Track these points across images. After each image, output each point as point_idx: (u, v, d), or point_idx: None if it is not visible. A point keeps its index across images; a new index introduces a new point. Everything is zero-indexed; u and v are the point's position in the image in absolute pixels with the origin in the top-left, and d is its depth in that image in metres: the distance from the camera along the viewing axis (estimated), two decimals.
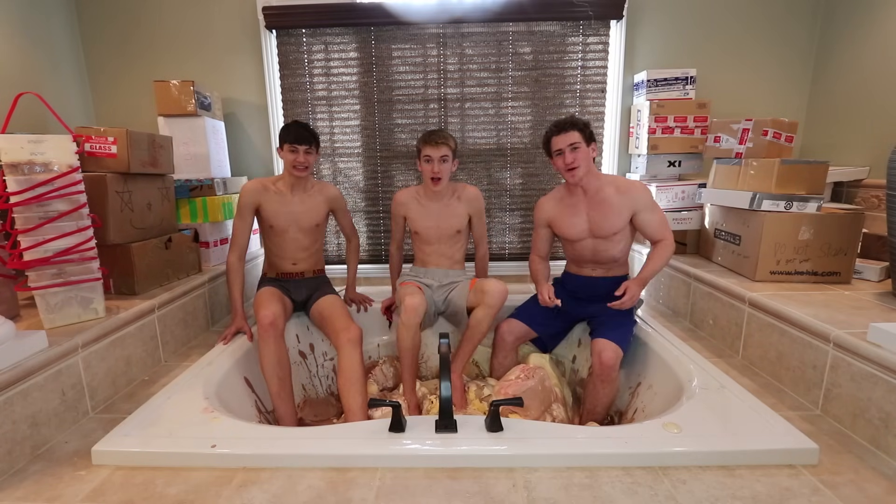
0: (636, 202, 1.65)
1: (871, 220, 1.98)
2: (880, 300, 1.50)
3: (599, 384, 1.55)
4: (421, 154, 1.82)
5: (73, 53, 2.45)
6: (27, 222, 1.30)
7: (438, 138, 1.78)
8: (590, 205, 1.70)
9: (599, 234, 1.69)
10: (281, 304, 1.74)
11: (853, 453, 1.09)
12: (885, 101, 2.06)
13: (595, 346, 1.56)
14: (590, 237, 1.71)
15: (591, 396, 1.60)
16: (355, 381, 1.61)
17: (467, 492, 0.98)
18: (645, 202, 1.66)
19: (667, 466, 1.04)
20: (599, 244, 1.71)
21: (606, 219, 1.67)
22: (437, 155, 1.78)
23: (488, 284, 1.74)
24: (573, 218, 1.72)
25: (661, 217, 1.69)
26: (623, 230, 1.69)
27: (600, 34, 2.44)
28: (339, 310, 1.80)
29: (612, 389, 1.57)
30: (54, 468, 1.08)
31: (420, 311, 1.70)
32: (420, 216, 1.92)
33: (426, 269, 1.98)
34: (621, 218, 1.66)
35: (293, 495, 0.97)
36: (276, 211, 1.83)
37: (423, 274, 1.98)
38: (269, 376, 1.61)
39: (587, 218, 1.70)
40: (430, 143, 1.78)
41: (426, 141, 1.79)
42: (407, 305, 1.69)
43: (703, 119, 2.25)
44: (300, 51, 2.49)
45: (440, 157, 1.78)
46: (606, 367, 1.52)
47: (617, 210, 1.66)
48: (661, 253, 1.67)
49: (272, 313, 1.64)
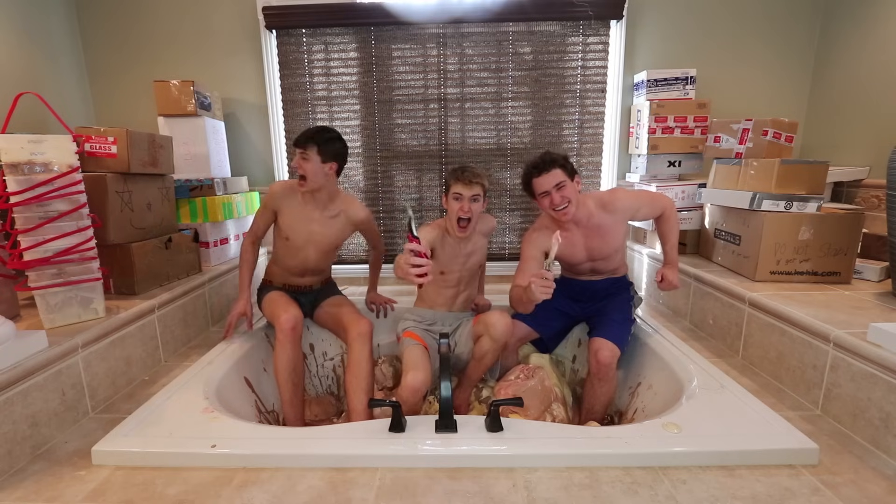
0: (627, 210, 1.64)
1: (871, 220, 1.98)
2: (880, 300, 1.50)
3: (597, 383, 1.55)
4: (450, 190, 1.61)
5: (73, 53, 2.45)
6: (27, 222, 1.30)
7: (472, 176, 1.58)
8: (586, 235, 1.64)
9: (599, 257, 1.68)
10: (299, 309, 1.68)
11: (853, 453, 1.09)
12: (884, 101, 2.06)
13: (592, 345, 1.56)
14: (588, 260, 1.70)
15: (590, 395, 1.60)
16: (362, 379, 1.58)
17: (467, 492, 0.98)
18: (633, 205, 1.64)
19: (667, 466, 1.04)
20: (598, 263, 1.71)
21: (605, 241, 1.64)
22: (469, 194, 1.58)
23: (493, 318, 1.59)
24: (570, 249, 1.65)
25: (648, 198, 1.69)
26: (621, 246, 1.70)
27: (600, 34, 2.44)
28: (346, 307, 1.79)
29: (610, 388, 1.57)
30: (54, 468, 1.08)
31: (423, 390, 1.48)
32: (447, 258, 1.70)
33: (434, 312, 1.79)
34: (619, 235, 1.66)
35: (293, 495, 0.97)
36: (293, 224, 1.70)
37: (430, 318, 1.78)
38: (282, 381, 1.58)
39: (585, 248, 1.66)
40: (463, 180, 1.57)
41: (458, 178, 1.59)
42: (408, 385, 1.46)
43: (703, 119, 2.25)
44: (300, 51, 2.49)
45: (471, 196, 1.58)
46: (603, 366, 1.52)
47: (612, 229, 1.63)
48: (669, 226, 1.69)
49: (293, 317, 1.60)
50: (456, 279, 1.74)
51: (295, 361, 1.60)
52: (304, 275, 1.83)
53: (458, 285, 1.76)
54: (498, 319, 1.58)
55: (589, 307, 1.77)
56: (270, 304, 1.72)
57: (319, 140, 1.60)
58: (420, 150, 2.58)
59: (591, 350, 1.55)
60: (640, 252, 2.38)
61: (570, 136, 2.55)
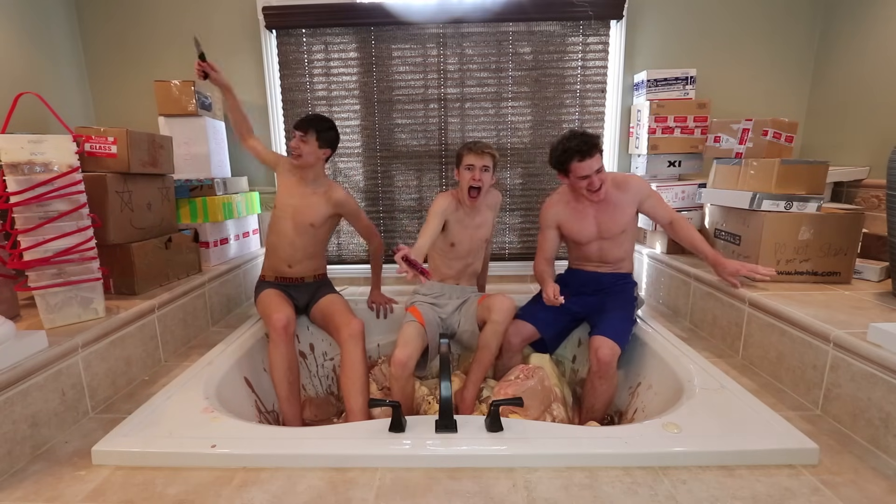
0: (638, 193, 1.72)
1: (871, 220, 1.98)
2: (880, 300, 1.50)
3: (597, 381, 1.56)
4: (462, 162, 1.75)
5: (73, 53, 2.45)
6: (27, 222, 1.30)
7: (484, 147, 1.72)
8: (598, 209, 1.73)
9: (607, 235, 1.74)
10: (292, 308, 1.72)
11: (853, 453, 1.09)
12: (884, 100, 2.06)
13: (593, 343, 1.56)
14: (597, 239, 1.75)
15: (590, 394, 1.60)
16: (356, 380, 1.60)
17: (467, 492, 0.98)
18: (645, 191, 1.74)
19: (667, 466, 1.04)
20: (605, 245, 1.76)
21: (613, 219, 1.72)
22: (480, 164, 1.72)
23: (494, 301, 1.70)
24: (581, 222, 1.74)
25: (658, 195, 1.78)
26: (629, 228, 1.74)
27: (600, 34, 2.44)
28: (338, 306, 1.79)
29: (611, 386, 1.58)
30: (54, 468, 1.08)
31: (410, 365, 1.58)
32: (457, 229, 1.82)
33: (442, 285, 1.89)
34: (627, 214, 1.73)
35: (293, 495, 0.97)
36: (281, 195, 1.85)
37: (437, 291, 1.88)
38: (278, 380, 1.59)
39: (595, 221, 1.74)
40: (475, 150, 1.72)
41: (470, 149, 1.73)
42: (396, 359, 1.55)
43: (703, 119, 2.25)
44: (300, 51, 2.49)
45: (482, 166, 1.72)
46: (603, 364, 1.52)
47: (622, 208, 1.72)
48: (690, 229, 1.74)
49: (286, 317, 1.62)
50: (466, 250, 1.85)
51: (289, 360, 1.61)
52: (291, 263, 1.85)
53: (467, 257, 1.86)
54: (499, 303, 1.68)
55: (592, 302, 1.77)
56: (264, 304, 1.75)
57: (319, 127, 1.76)
58: (420, 150, 2.58)
59: (592, 348, 1.56)
60: (640, 252, 2.38)
61: None
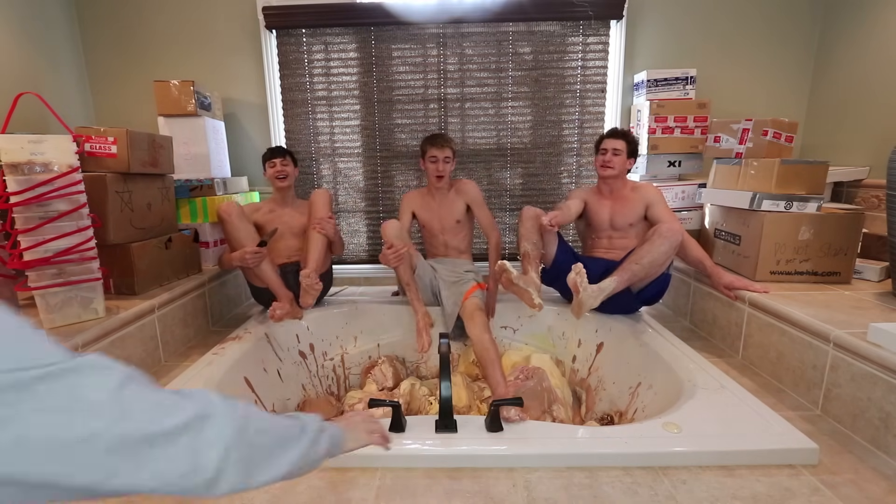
0: (648, 196, 1.89)
1: (871, 220, 1.98)
2: (880, 300, 1.50)
3: (659, 239, 1.64)
4: (427, 155, 2.02)
5: (73, 53, 2.45)
6: (27, 222, 1.30)
7: (443, 141, 2.00)
8: (614, 200, 1.95)
9: (617, 226, 1.93)
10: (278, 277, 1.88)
11: (853, 453, 1.09)
12: (884, 101, 2.06)
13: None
14: (609, 227, 1.95)
15: (643, 248, 1.66)
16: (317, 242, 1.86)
17: (467, 492, 0.98)
18: (655, 196, 1.88)
19: (667, 466, 1.04)
20: (615, 234, 1.94)
21: (623, 212, 1.91)
22: (442, 155, 1.99)
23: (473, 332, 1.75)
24: (599, 208, 1.97)
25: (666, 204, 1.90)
26: (637, 223, 1.89)
27: (600, 34, 2.44)
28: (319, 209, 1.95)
29: (669, 250, 1.64)
30: None
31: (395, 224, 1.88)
32: (427, 216, 2.12)
33: (435, 259, 2.14)
34: (635, 210, 1.89)
35: (293, 495, 0.97)
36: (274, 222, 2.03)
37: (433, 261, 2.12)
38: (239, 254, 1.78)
39: (610, 209, 1.94)
40: (436, 144, 2.00)
41: (432, 143, 2.01)
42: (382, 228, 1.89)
43: (703, 119, 2.25)
44: (300, 51, 2.49)
45: (444, 157, 2.00)
46: (674, 231, 1.64)
47: (632, 204, 1.90)
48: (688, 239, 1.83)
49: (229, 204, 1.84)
50: (438, 229, 2.11)
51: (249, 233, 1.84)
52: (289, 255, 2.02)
53: (441, 234, 2.12)
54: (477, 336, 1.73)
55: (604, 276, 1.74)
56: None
57: (290, 153, 2.07)
58: (420, 151, 2.57)
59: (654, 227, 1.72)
60: None
61: (570, 136, 2.55)
